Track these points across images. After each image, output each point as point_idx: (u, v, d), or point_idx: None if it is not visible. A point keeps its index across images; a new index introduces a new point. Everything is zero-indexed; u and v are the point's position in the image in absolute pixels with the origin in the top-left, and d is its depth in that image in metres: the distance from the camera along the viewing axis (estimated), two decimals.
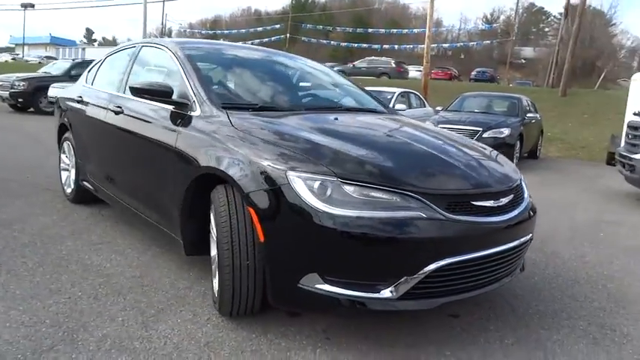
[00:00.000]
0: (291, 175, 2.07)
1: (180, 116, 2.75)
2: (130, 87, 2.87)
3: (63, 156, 4.55)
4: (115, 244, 3.43)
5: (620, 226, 5.08)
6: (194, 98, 2.75)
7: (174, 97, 2.82)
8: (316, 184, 2.03)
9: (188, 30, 74.99)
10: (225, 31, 59.43)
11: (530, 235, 2.51)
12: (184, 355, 2.09)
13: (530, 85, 39.62)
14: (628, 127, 6.71)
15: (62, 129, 4.54)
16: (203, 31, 63.33)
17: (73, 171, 4.33)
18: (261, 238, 2.12)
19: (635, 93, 9.51)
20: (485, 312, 2.68)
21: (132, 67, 3.56)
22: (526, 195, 2.55)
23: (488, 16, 73.11)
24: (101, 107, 3.61)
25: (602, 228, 4.88)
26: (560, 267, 3.54)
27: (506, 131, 8.58)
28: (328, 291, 2.03)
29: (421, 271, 2.01)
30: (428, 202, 2.04)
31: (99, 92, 3.85)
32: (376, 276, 2.03)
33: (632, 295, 3.10)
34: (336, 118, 2.80)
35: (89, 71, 4.44)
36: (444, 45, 48.80)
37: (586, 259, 3.77)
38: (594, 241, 4.34)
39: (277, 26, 51.50)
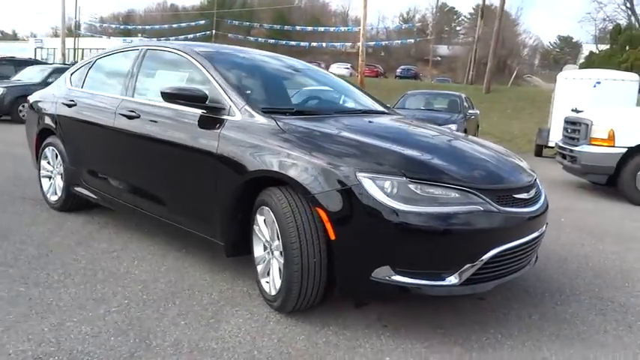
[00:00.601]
0: (361, 176, 2.23)
1: (218, 121, 2.80)
2: (161, 92, 2.85)
3: (44, 162, 4.34)
4: (130, 250, 3.38)
5: (573, 211, 5.70)
6: (230, 103, 2.80)
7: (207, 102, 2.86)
8: (387, 184, 2.21)
9: (100, 25, 71.12)
10: (147, 27, 57.12)
11: (547, 224, 2.84)
12: (265, 352, 2.18)
13: (449, 82, 41.88)
14: (565, 122, 7.46)
15: (43, 134, 4.32)
16: (122, 27, 60.35)
17: (58, 178, 4.16)
18: (332, 237, 2.26)
19: (561, 90, 10.52)
20: (505, 293, 2.98)
21: (139, 71, 3.50)
22: (542, 188, 2.89)
23: (405, 15, 76.45)
24: (106, 112, 3.52)
25: (559, 214, 5.44)
26: (544, 250, 3.96)
27: (453, 127, 9.13)
28: (399, 281, 2.22)
29: (481, 259, 2.26)
30: (483, 197, 2.29)
31: (98, 96, 3.74)
32: (442, 265, 2.25)
33: (612, 272, 3.56)
34: (371, 121, 2.99)
35: (72, 74, 4.27)
36: (370, 43, 50.20)
37: (561, 242, 4.24)
38: (560, 226, 4.85)
39: (202, 22, 50.47)
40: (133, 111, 3.30)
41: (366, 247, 2.24)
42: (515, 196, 2.47)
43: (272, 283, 2.56)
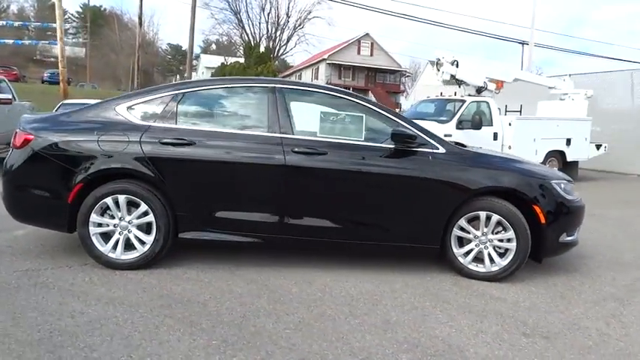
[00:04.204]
0: (553, 182, 3.76)
1: (423, 154, 3.65)
2: (393, 133, 3.51)
3: (96, 216, 3.54)
4: (341, 280, 3.61)
5: None
6: (429, 140, 3.71)
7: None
8: (563, 186, 3.82)
9: None
10: None
11: None
12: (533, 299, 3.45)
13: (95, 88, 39.87)
14: None
15: (92, 183, 3.53)
16: None
17: (134, 229, 3.58)
18: (543, 221, 3.69)
19: None
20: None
21: (287, 110, 3.68)
22: None
23: None
24: (264, 150, 3.56)
25: None
26: None
27: None
28: (568, 240, 3.87)
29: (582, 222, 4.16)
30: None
31: (231, 134, 3.61)
32: (575, 227, 3.99)
33: None
34: (480, 147, 4.37)
35: (131, 107, 3.67)
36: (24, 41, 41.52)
37: None
38: None
39: None
40: (312, 148, 3.56)
41: (559, 223, 3.78)
42: None
43: (488, 264, 3.71)
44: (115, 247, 3.58)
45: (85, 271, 3.53)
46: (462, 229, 3.74)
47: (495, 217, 3.67)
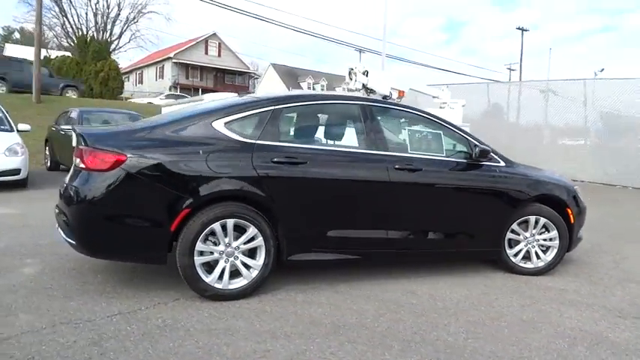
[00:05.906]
0: (575, 188, 4.54)
1: (495, 167, 4.13)
2: (481, 150, 3.89)
3: (200, 244, 3.22)
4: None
5: None
6: (493, 155, 4.17)
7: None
8: (579, 189, 4.62)
9: None
10: None
11: None
12: (575, 285, 4.18)
13: None
14: None
15: (200, 208, 3.20)
16: None
17: (241, 256, 3.36)
18: (572, 221, 4.44)
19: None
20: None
21: (383, 129, 3.84)
22: None
23: None
24: (371, 167, 3.64)
25: None
26: None
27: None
28: (581, 236, 4.69)
29: None
30: None
31: (339, 151, 3.66)
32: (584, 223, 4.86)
33: None
34: None
35: (228, 123, 3.40)
36: None
37: None
38: None
39: None
40: (410, 164, 3.76)
41: (579, 221, 4.56)
42: None
43: (535, 260, 4.33)
44: (220, 276, 3.30)
45: (191, 307, 3.20)
46: (512, 231, 4.30)
47: (542, 220, 4.30)
